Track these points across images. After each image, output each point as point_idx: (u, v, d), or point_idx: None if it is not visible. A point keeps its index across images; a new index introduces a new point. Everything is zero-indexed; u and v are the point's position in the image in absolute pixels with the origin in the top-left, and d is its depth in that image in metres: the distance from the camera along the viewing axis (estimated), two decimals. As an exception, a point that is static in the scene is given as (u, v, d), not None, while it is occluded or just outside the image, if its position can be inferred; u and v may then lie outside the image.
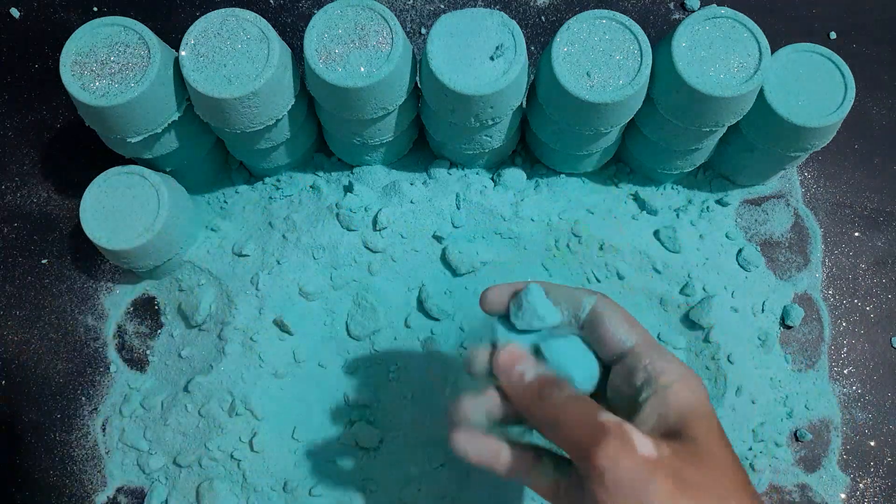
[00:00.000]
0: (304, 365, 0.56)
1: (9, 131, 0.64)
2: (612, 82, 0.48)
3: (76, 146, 0.63)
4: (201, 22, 0.49)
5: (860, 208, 0.62)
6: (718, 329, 0.56)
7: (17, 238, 0.61)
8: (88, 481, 0.56)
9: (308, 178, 0.60)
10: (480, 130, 0.53)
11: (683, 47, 0.49)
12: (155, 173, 0.54)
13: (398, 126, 0.54)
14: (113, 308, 0.59)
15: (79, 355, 0.58)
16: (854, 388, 0.58)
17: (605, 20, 0.50)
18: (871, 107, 0.65)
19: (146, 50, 0.48)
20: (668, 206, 0.60)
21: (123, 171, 0.54)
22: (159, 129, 0.50)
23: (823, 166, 0.63)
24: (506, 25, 0.49)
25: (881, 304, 0.60)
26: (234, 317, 0.55)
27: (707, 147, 0.56)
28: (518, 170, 0.59)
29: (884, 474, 0.57)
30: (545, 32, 0.66)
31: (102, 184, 0.54)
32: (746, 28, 0.50)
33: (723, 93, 0.48)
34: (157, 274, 0.58)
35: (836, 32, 0.67)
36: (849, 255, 0.61)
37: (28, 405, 0.57)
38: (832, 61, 0.53)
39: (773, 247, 0.60)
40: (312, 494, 0.53)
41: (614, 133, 0.55)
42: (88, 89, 0.48)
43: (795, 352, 0.58)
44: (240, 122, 0.50)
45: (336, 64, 0.48)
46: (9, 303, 0.59)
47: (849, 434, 0.57)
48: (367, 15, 0.49)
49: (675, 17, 0.67)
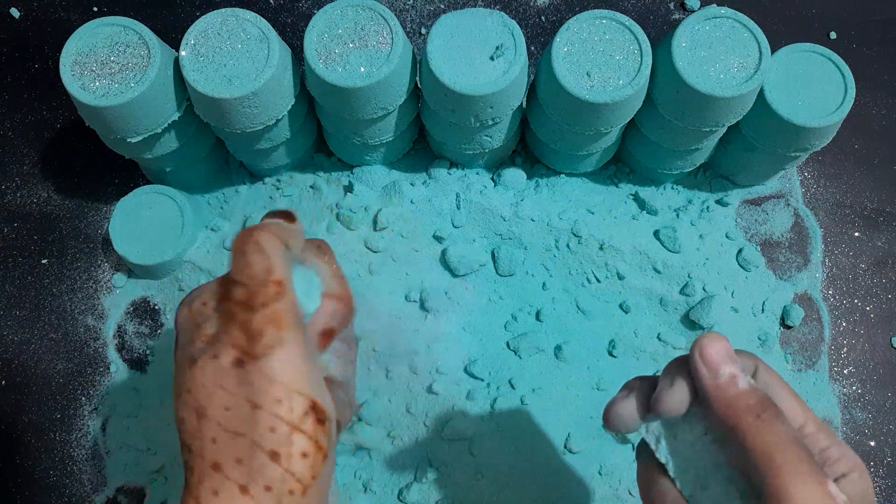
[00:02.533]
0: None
1: (9, 131, 0.64)
2: (612, 82, 0.48)
3: (76, 146, 0.63)
4: (201, 22, 0.49)
5: (860, 208, 0.62)
6: (718, 329, 0.56)
7: (17, 238, 0.61)
8: (88, 481, 0.56)
9: (308, 178, 0.60)
10: (480, 130, 0.53)
11: (683, 47, 0.49)
12: (180, 193, 0.58)
13: (398, 126, 0.54)
14: (113, 308, 0.59)
15: (79, 355, 0.58)
16: (854, 388, 0.58)
17: (605, 20, 0.50)
18: (871, 107, 0.65)
19: (146, 50, 0.48)
20: (668, 206, 0.60)
21: (152, 191, 0.57)
22: (159, 129, 0.50)
23: (823, 166, 0.63)
24: (506, 25, 0.49)
25: (881, 304, 0.60)
26: (234, 317, 0.55)
27: (707, 147, 0.56)
28: (518, 170, 0.59)
29: (884, 474, 0.57)
30: (545, 32, 0.66)
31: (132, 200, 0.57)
32: (746, 28, 0.50)
33: (723, 93, 0.48)
34: (158, 274, 0.59)
35: (836, 32, 0.67)
36: (849, 255, 0.61)
37: (28, 405, 0.57)
38: (832, 61, 0.53)
39: (773, 247, 0.60)
40: (312, 494, 0.53)
41: (614, 133, 0.55)
42: (88, 89, 0.48)
43: (795, 352, 0.58)
44: (240, 122, 0.50)
45: (336, 64, 0.48)
46: (9, 303, 0.59)
47: (849, 434, 0.57)
48: (367, 15, 0.49)
49: (675, 17, 0.67)
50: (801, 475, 0.29)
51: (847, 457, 0.33)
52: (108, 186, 0.62)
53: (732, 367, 0.33)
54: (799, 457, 0.30)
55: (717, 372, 0.33)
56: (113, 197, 0.62)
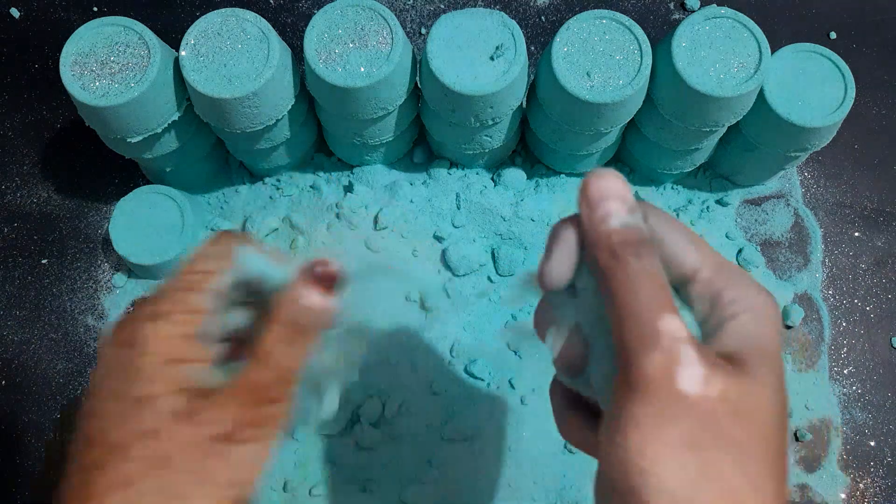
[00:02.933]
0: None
1: (9, 131, 0.64)
2: (612, 82, 0.48)
3: (76, 146, 0.63)
4: (201, 22, 0.49)
5: (860, 208, 0.62)
6: (718, 329, 0.55)
7: (17, 238, 0.61)
8: (88, 481, 0.56)
9: (308, 178, 0.60)
10: (480, 130, 0.53)
11: (683, 47, 0.49)
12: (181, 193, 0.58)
13: (398, 126, 0.54)
14: (113, 308, 0.59)
15: (79, 355, 0.58)
16: (854, 388, 0.58)
17: (605, 20, 0.50)
18: (871, 107, 0.65)
19: (146, 50, 0.48)
20: (668, 206, 0.60)
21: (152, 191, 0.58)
22: (159, 129, 0.50)
23: (823, 166, 0.63)
24: (506, 25, 0.49)
25: (881, 304, 0.60)
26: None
27: (707, 147, 0.56)
28: (518, 170, 0.59)
29: (884, 474, 0.57)
30: (545, 32, 0.66)
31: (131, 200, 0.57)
32: (746, 28, 0.50)
33: (723, 93, 0.48)
34: (158, 274, 0.58)
35: (836, 32, 0.67)
36: (849, 255, 0.61)
37: (28, 405, 0.57)
38: (832, 61, 0.53)
39: (773, 247, 0.60)
40: (312, 494, 0.53)
41: (614, 133, 0.55)
42: (88, 89, 0.48)
43: (795, 352, 0.58)
44: (240, 122, 0.50)
45: (336, 64, 0.48)
46: (9, 303, 0.59)
47: (849, 434, 0.57)
48: (367, 15, 0.49)
49: (675, 17, 0.67)
50: (641, 317, 0.27)
51: (742, 298, 0.29)
52: (108, 186, 0.62)
53: (613, 203, 0.29)
54: (648, 305, 0.27)
55: (594, 208, 0.29)
56: (113, 197, 0.61)
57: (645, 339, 0.27)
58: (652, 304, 0.27)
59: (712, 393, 0.26)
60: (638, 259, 0.28)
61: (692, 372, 0.26)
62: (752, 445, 0.27)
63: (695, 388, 0.26)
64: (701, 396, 0.26)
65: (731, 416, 0.27)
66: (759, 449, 0.27)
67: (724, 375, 0.27)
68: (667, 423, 0.26)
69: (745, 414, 0.27)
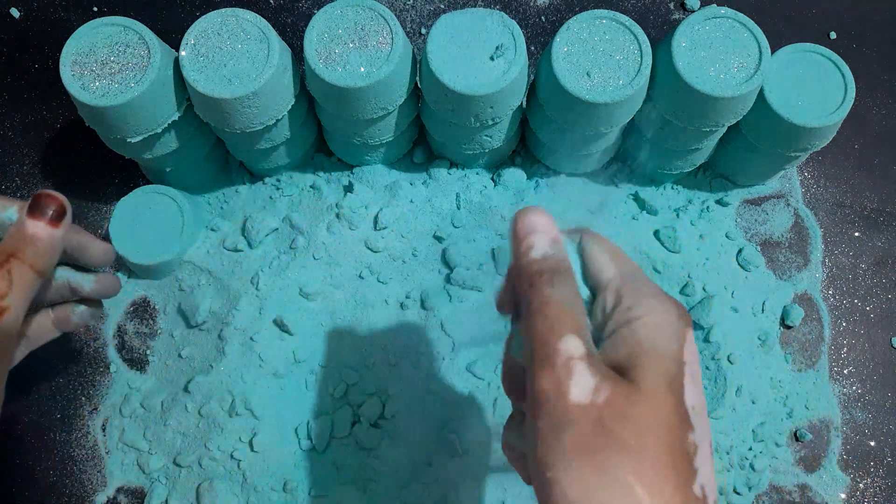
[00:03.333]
0: (304, 365, 0.56)
1: (9, 131, 0.64)
2: (612, 82, 0.48)
3: (76, 146, 0.63)
4: (201, 22, 0.49)
5: (860, 208, 0.62)
6: (718, 329, 0.56)
7: (17, 238, 0.61)
8: (88, 481, 0.56)
9: (308, 178, 0.60)
10: (480, 130, 0.53)
11: (683, 47, 0.49)
12: (181, 193, 0.58)
13: (398, 126, 0.54)
14: (113, 308, 0.59)
15: (79, 355, 0.58)
16: (854, 388, 0.58)
17: (605, 20, 0.50)
18: (871, 107, 0.65)
19: (146, 50, 0.48)
20: (668, 206, 0.60)
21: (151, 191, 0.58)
22: (159, 129, 0.50)
23: (823, 166, 0.63)
24: (506, 25, 0.49)
25: (881, 304, 0.60)
26: (234, 317, 0.55)
27: (707, 147, 0.56)
28: (518, 170, 0.59)
29: (884, 474, 0.57)
30: (545, 32, 0.66)
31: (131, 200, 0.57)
32: (746, 28, 0.50)
33: (723, 93, 0.48)
34: (158, 274, 0.59)
35: (836, 32, 0.67)
36: (849, 255, 0.61)
37: (28, 405, 0.57)
38: (832, 61, 0.53)
39: (773, 247, 0.60)
40: (312, 494, 0.53)
41: (614, 133, 0.55)
42: (88, 89, 0.48)
43: (795, 352, 0.58)
44: (240, 122, 0.50)
45: (336, 64, 0.48)
46: (9, 303, 0.59)
47: (849, 434, 0.57)
48: (367, 15, 0.49)
49: (675, 17, 0.67)
50: (544, 339, 0.29)
51: (638, 306, 0.31)
52: (108, 186, 0.62)
53: (535, 237, 0.32)
54: (552, 326, 0.30)
55: (519, 242, 0.32)
56: (113, 197, 0.61)
57: (544, 360, 0.29)
58: (555, 326, 0.30)
59: (599, 400, 0.28)
60: (550, 286, 0.31)
61: (582, 383, 0.28)
62: (647, 450, 0.28)
63: (584, 398, 0.28)
64: (589, 404, 0.28)
65: (620, 421, 0.28)
66: (655, 453, 0.28)
67: (612, 383, 0.29)
68: (562, 432, 0.28)
69: (633, 418, 0.28)
